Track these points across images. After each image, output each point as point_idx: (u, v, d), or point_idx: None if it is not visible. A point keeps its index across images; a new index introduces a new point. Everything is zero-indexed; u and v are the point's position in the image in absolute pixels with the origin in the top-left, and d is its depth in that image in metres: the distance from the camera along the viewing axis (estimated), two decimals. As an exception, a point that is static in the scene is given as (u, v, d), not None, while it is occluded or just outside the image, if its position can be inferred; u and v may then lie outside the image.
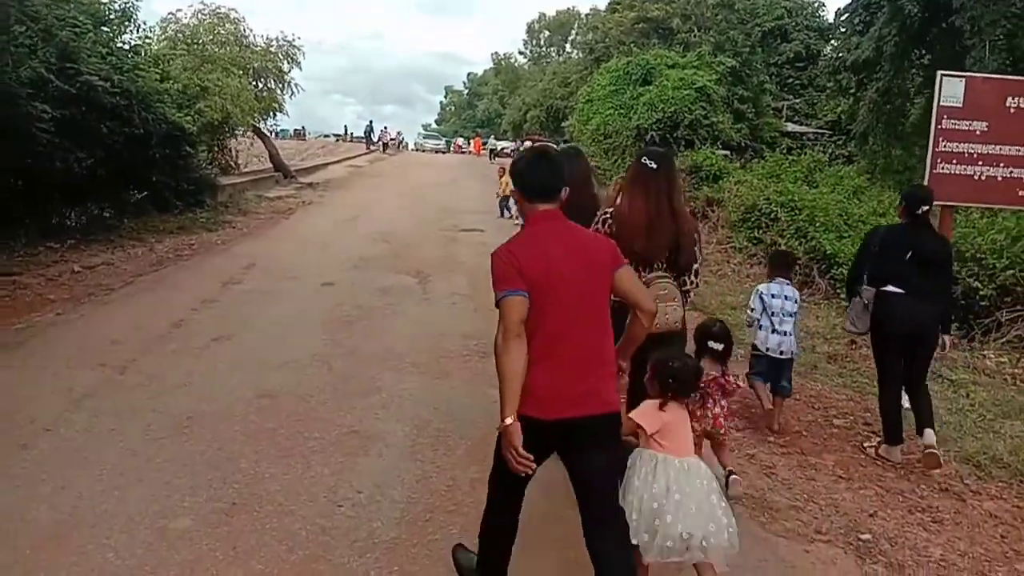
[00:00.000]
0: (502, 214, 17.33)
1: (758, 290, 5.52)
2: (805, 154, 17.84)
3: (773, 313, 5.34)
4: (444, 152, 54.27)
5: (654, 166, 3.51)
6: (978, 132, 6.38)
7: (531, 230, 2.81)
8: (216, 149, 22.13)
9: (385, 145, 48.13)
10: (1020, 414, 5.78)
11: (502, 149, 51.22)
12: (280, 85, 22.02)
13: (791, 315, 5.36)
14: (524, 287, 2.60)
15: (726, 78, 28.15)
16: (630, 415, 3.05)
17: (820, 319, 9.18)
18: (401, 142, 57.94)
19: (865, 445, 5.17)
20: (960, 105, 6.33)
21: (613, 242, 2.92)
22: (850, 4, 18.80)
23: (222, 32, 20.72)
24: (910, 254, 4.79)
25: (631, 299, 2.83)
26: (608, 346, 2.78)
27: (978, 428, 5.52)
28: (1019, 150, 6.43)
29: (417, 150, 56.20)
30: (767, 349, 5.34)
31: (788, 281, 5.54)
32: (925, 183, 6.40)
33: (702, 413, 3.95)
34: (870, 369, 6.98)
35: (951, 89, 6.32)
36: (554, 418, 2.62)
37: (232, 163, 23.19)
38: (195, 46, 18.60)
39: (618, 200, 3.64)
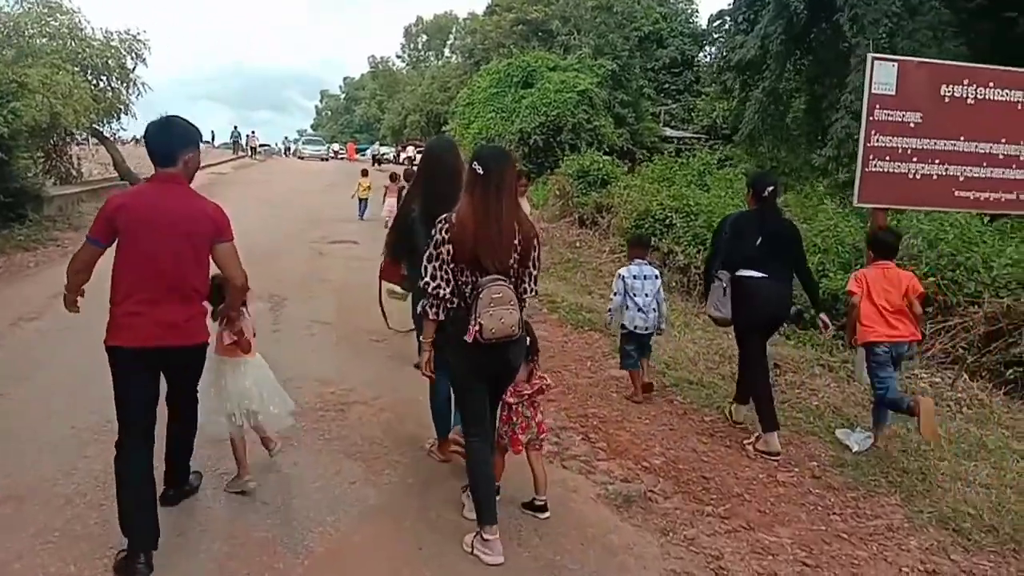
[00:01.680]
0: (361, 216, 17.22)
1: (619, 274, 5.91)
2: (687, 159, 17.30)
3: (635, 294, 5.76)
4: (326, 159, 48.04)
5: (481, 171, 3.36)
6: (912, 124, 5.63)
7: (145, 187, 3.53)
8: (52, 155, 19.53)
9: (253, 150, 45.31)
10: (981, 453, 4.97)
11: (384, 155, 49.50)
12: (124, 84, 19.52)
13: (651, 292, 5.78)
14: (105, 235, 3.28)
15: (607, 82, 27.81)
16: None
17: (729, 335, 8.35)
18: (271, 148, 54.95)
19: (745, 443, 5.12)
20: (893, 93, 5.54)
21: (224, 220, 3.41)
22: (733, 2, 18.45)
23: (52, 24, 18.11)
24: (760, 238, 4.92)
25: (224, 272, 3.43)
26: (193, 293, 3.38)
27: (941, 474, 4.65)
28: (954, 144, 5.70)
29: (298, 157, 50.42)
30: (635, 327, 5.77)
31: (646, 261, 5.98)
32: (857, 183, 5.62)
33: (527, 424, 3.83)
34: (797, 398, 6.15)
35: (883, 74, 5.51)
36: (138, 346, 3.24)
37: (74, 171, 20.56)
38: (15, 38, 15.96)
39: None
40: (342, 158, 50.26)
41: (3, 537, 3.28)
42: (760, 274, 4.90)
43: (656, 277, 5.91)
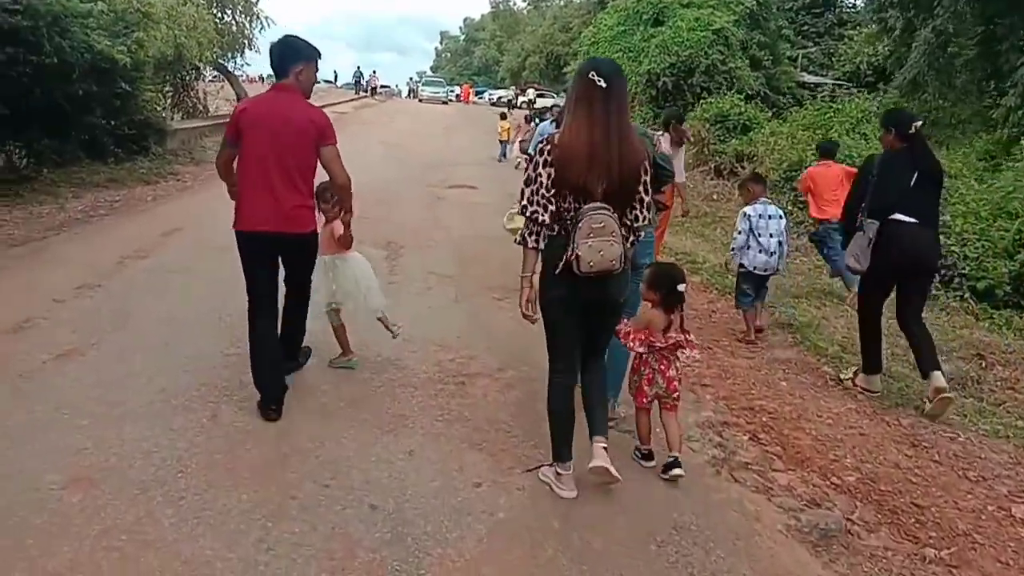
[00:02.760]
0: (501, 158, 17.85)
1: (744, 212, 5.78)
2: (843, 104, 15.44)
3: (760, 234, 5.61)
4: (446, 102, 44.24)
5: (604, 84, 2.99)
6: None
7: (264, 94, 4.01)
8: (180, 90, 19.70)
9: (374, 91, 45.27)
10: None
11: (500, 99, 48.40)
12: (248, 17, 19.34)
13: (775, 232, 5.61)
14: (233, 136, 3.77)
15: (744, 20, 25.63)
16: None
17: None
18: (391, 89, 54.87)
19: (841, 376, 5.09)
20: None
21: (326, 125, 3.81)
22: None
23: (176, -49, 18.02)
24: (915, 177, 4.55)
25: (328, 170, 3.84)
26: (298, 188, 3.78)
27: None
28: None
29: (418, 100, 47.02)
30: (754, 268, 5.66)
31: (768, 200, 5.85)
32: None
33: (652, 376, 3.59)
34: (1016, 401, 4.96)
35: None
36: (252, 230, 3.76)
37: (200, 106, 20.74)
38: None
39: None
40: (458, 99, 49.55)
41: (61, 537, 2.68)
42: (911, 219, 4.53)
43: (781, 217, 5.75)
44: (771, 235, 5.62)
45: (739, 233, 5.73)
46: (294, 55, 3.81)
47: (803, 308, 6.86)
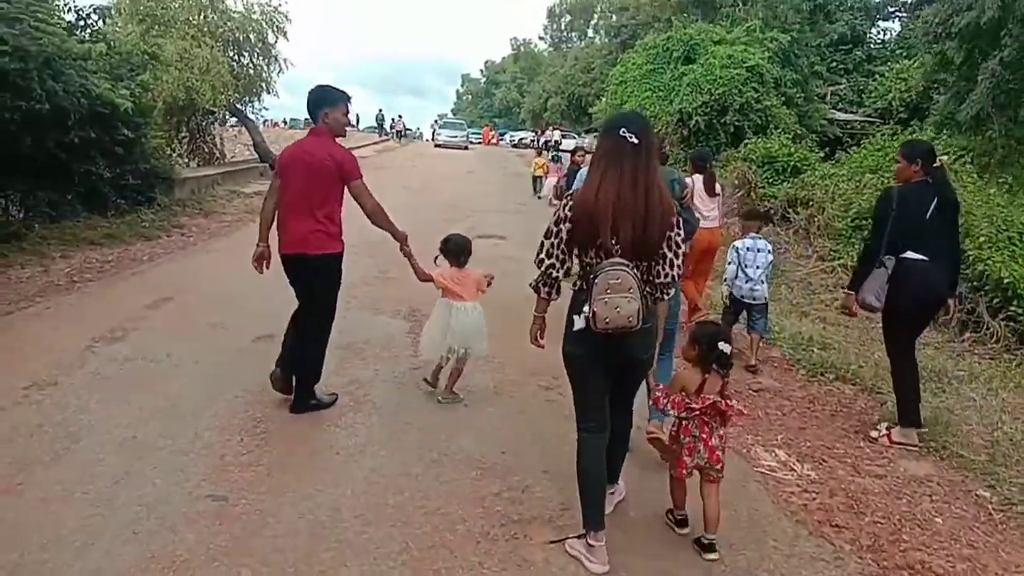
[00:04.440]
0: (535, 193, 18.89)
1: (734, 245, 6.25)
2: (859, 144, 14.21)
3: (746, 265, 6.06)
4: (464, 147, 39.73)
5: (635, 140, 2.91)
6: None
7: (302, 138, 4.51)
8: (196, 135, 18.92)
9: (399, 134, 44.72)
10: None
11: (522, 140, 47.64)
12: (266, 59, 18.56)
13: (762, 265, 6.07)
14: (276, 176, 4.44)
15: (776, 57, 24.66)
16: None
17: (1004, 381, 5.90)
18: (413, 132, 54.46)
19: (872, 434, 4.79)
20: None
21: (350, 162, 4.35)
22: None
23: (190, -6, 17.29)
24: (932, 210, 4.48)
25: (358, 203, 4.38)
26: (318, 216, 4.27)
27: None
28: None
29: (434, 144, 42.20)
30: (741, 296, 6.11)
31: (759, 235, 6.28)
32: None
33: (694, 445, 3.28)
34: None
35: None
36: (283, 252, 4.34)
37: (217, 152, 19.96)
38: (146, 3, 14.97)
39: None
40: (477, 143, 48.79)
41: None
42: (924, 257, 4.48)
43: (768, 252, 6.20)
44: (757, 267, 6.05)
45: (730, 264, 6.22)
46: (321, 101, 4.34)
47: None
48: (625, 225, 2.88)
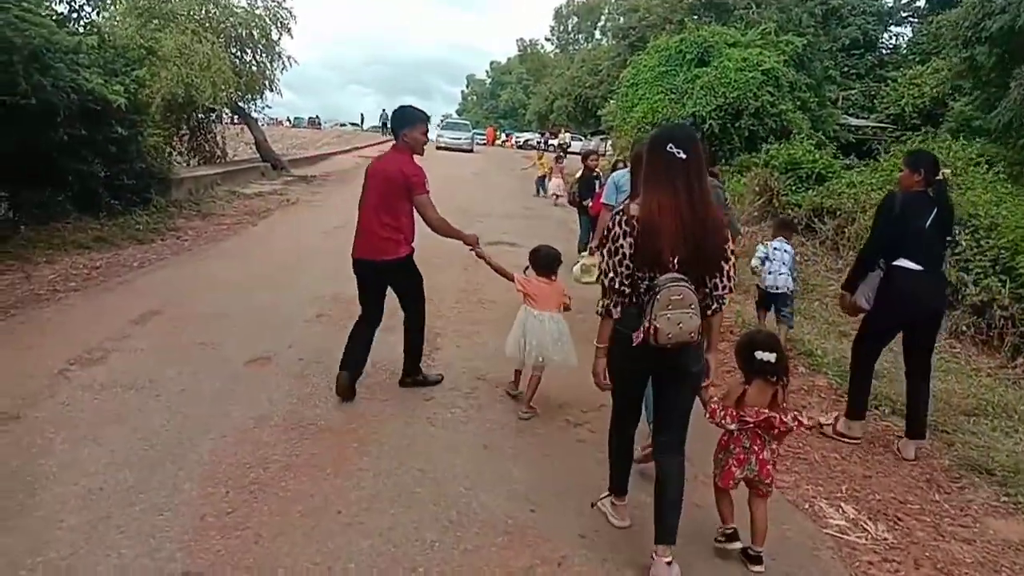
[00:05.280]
0: (537, 192, 19.49)
1: (764, 243, 7.04)
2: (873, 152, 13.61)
3: (772, 259, 6.66)
4: (468, 150, 38.00)
5: (684, 156, 2.89)
6: None
7: (385, 154, 4.86)
8: (197, 133, 18.33)
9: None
10: None
11: (527, 142, 47.07)
12: (269, 56, 17.97)
13: (785, 263, 6.65)
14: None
15: (791, 61, 24.07)
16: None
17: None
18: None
19: (822, 421, 4.97)
20: None
21: (417, 177, 4.59)
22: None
23: (192, -12, 16.68)
24: (930, 220, 4.47)
25: (422, 217, 4.66)
26: (385, 224, 4.60)
27: None
28: None
29: (436, 147, 37.15)
30: (767, 287, 6.67)
31: (787, 240, 6.87)
32: None
33: (744, 457, 3.21)
34: None
35: None
36: (355, 257, 4.74)
37: (219, 151, 19.38)
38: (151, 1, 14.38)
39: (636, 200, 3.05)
40: (482, 143, 48.17)
41: None
42: (918, 266, 4.46)
43: (791, 254, 6.78)
44: (783, 263, 6.63)
45: (756, 257, 6.83)
46: (400, 121, 4.71)
47: (986, 433, 5.02)
48: (686, 242, 2.87)
